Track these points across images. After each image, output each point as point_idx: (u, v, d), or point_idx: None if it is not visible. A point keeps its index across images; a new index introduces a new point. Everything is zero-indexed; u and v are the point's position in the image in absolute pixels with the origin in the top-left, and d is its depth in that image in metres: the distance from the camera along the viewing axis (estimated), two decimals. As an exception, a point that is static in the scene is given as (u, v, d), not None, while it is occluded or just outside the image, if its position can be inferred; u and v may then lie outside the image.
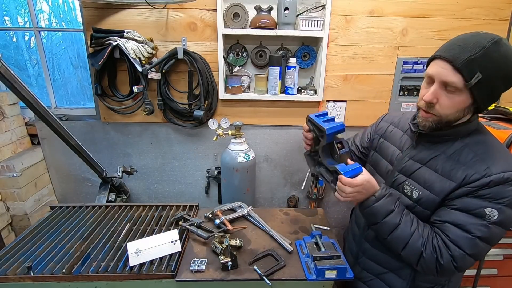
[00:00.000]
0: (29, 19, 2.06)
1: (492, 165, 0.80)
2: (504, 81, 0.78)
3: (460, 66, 0.76)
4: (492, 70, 0.75)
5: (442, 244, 0.85)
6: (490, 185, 0.78)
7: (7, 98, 1.92)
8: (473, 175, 0.81)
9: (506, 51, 0.76)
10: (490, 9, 1.82)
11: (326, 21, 1.74)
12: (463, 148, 0.86)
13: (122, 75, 1.91)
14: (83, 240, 1.30)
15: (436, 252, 0.85)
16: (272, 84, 1.85)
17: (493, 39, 0.76)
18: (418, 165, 0.93)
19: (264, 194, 2.25)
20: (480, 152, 0.83)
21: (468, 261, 0.83)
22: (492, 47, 0.75)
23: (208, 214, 1.47)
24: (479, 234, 0.80)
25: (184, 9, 1.79)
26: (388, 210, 0.90)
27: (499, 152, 0.83)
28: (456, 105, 0.81)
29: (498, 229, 0.80)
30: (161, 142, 2.10)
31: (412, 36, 1.86)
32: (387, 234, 0.92)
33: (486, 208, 0.78)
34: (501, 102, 2.00)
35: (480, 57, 0.75)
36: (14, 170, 1.88)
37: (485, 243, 0.81)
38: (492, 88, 0.78)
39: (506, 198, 0.77)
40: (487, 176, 0.79)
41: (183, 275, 1.12)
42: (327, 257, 1.13)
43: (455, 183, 0.84)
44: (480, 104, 0.80)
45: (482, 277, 1.57)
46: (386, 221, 0.90)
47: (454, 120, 0.84)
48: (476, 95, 0.78)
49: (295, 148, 2.13)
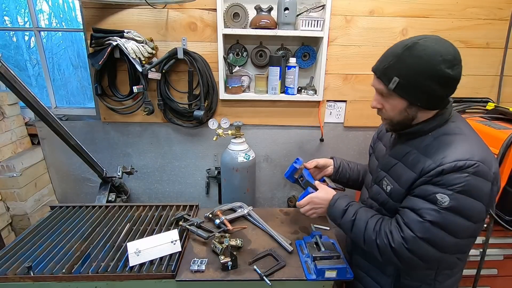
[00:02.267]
0: (29, 19, 2.06)
1: (448, 155, 0.82)
2: (428, 78, 0.82)
3: (379, 75, 0.89)
4: (408, 72, 0.83)
5: (396, 227, 0.89)
6: (443, 173, 0.81)
7: (7, 98, 1.92)
8: (430, 165, 0.84)
9: (420, 52, 0.81)
10: (490, 9, 1.82)
11: (326, 21, 1.74)
12: (432, 142, 0.89)
13: (122, 75, 1.91)
14: (83, 240, 1.29)
15: (388, 237, 0.90)
16: (272, 84, 1.85)
17: (406, 45, 0.83)
18: (395, 161, 0.97)
19: (264, 194, 2.25)
20: (443, 143, 0.86)
21: (421, 245, 0.84)
22: (404, 53, 0.83)
23: (208, 214, 1.47)
24: (429, 218, 0.82)
25: (184, 9, 1.79)
26: (342, 210, 1.02)
27: (460, 142, 0.85)
28: (395, 108, 0.90)
29: (453, 216, 0.81)
30: (161, 142, 2.10)
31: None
32: (349, 231, 1.01)
33: (437, 194, 0.81)
34: (501, 102, 2.01)
35: (394, 64, 0.85)
36: (14, 170, 1.88)
37: (438, 229, 0.82)
38: (418, 87, 0.83)
39: (458, 185, 0.79)
40: (441, 165, 0.82)
41: (183, 275, 1.11)
42: (327, 257, 1.13)
43: (415, 173, 0.88)
44: (418, 102, 0.86)
45: (482, 277, 1.57)
46: (343, 220, 1.02)
47: (403, 120, 0.91)
48: (404, 96, 0.86)
49: (295, 148, 2.13)
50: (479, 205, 0.81)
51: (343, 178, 1.31)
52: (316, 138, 2.10)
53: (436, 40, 0.83)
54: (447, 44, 0.83)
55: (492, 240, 1.49)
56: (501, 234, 1.51)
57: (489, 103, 1.79)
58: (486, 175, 0.79)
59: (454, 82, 0.83)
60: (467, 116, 1.72)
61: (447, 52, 0.80)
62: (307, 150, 2.14)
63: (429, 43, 0.82)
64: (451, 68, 0.80)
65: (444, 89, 0.84)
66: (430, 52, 0.80)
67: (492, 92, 2.00)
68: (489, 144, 1.42)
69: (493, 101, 1.89)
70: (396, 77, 0.84)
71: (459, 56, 0.83)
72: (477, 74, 1.96)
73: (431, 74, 0.81)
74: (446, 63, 0.80)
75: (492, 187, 0.81)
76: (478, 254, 1.52)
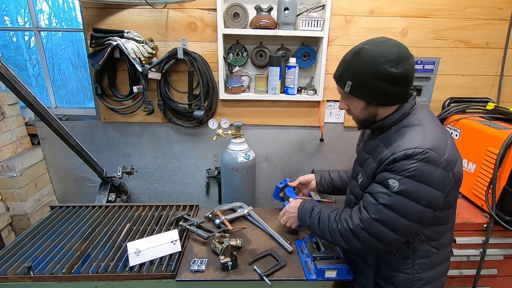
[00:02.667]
0: (29, 19, 2.06)
1: (401, 144, 0.89)
2: (376, 79, 0.89)
3: (336, 81, 1.00)
4: (358, 76, 0.91)
5: (356, 211, 0.97)
6: (395, 161, 0.88)
7: (7, 98, 1.92)
8: (386, 154, 0.91)
9: (365, 56, 0.89)
10: (490, 9, 1.82)
11: (326, 21, 1.74)
12: (393, 134, 0.95)
13: (122, 75, 1.91)
14: (83, 240, 1.29)
15: (347, 221, 0.97)
16: (272, 84, 1.85)
17: (354, 51, 0.93)
18: (367, 155, 1.03)
19: (264, 194, 2.25)
20: (401, 135, 0.92)
21: (375, 225, 0.91)
22: (352, 59, 0.93)
23: (208, 214, 1.47)
24: (382, 201, 0.89)
25: (184, 9, 1.79)
26: (309, 210, 1.11)
27: (415, 132, 0.90)
28: (357, 108, 0.99)
29: (403, 199, 0.87)
30: (161, 142, 2.10)
31: (412, 36, 1.86)
32: (316, 228, 1.06)
33: (389, 179, 0.88)
34: (501, 102, 2.01)
35: (346, 70, 0.95)
36: (14, 170, 1.88)
37: (389, 211, 0.88)
38: (369, 88, 0.91)
39: (406, 171, 0.85)
40: (394, 154, 0.88)
41: (183, 275, 1.11)
42: (327, 257, 1.13)
43: (376, 164, 0.95)
44: (373, 101, 0.94)
45: (482, 277, 1.57)
46: (311, 219, 1.09)
47: (367, 117, 0.99)
48: (360, 97, 0.95)
49: (295, 148, 2.13)
50: (428, 190, 0.86)
51: (327, 189, 1.39)
52: (316, 138, 2.10)
53: (381, 42, 0.91)
54: (391, 44, 0.90)
55: (492, 240, 1.49)
56: (501, 234, 1.51)
57: (489, 103, 1.79)
58: (436, 161, 0.85)
59: (401, 79, 0.89)
60: (467, 116, 1.72)
61: (390, 53, 0.87)
62: (307, 150, 2.14)
63: (373, 47, 0.90)
64: (394, 67, 0.87)
65: (393, 87, 0.89)
66: (374, 55, 0.88)
67: (492, 92, 2.00)
68: (489, 144, 1.44)
69: (493, 101, 1.89)
70: (350, 81, 0.93)
71: (405, 54, 0.88)
72: (477, 74, 1.96)
73: (377, 75, 0.88)
74: (389, 63, 0.86)
75: (445, 173, 0.86)
76: (478, 254, 1.52)
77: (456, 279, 1.60)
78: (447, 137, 0.92)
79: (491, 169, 1.42)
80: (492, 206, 1.43)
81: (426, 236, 0.98)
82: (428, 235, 0.98)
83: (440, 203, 0.90)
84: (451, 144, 0.92)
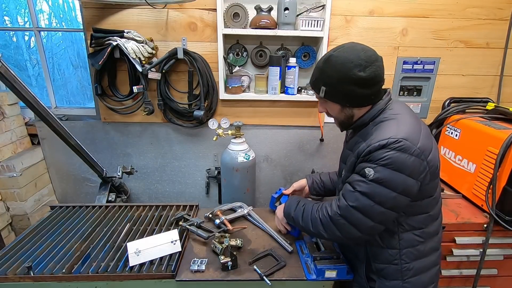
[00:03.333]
0: (29, 19, 2.06)
1: (376, 137, 0.93)
2: (346, 83, 0.94)
3: (312, 87, 1.06)
4: (329, 81, 0.96)
5: (335, 199, 1.01)
6: (370, 152, 0.92)
7: (7, 98, 1.92)
8: (363, 147, 0.95)
9: (334, 63, 0.94)
10: (490, 9, 1.82)
11: (326, 21, 1.74)
12: (370, 129, 0.99)
13: (122, 75, 1.91)
14: (83, 240, 1.29)
15: (327, 210, 1.01)
16: (272, 84, 1.85)
17: (325, 58, 0.97)
18: (349, 152, 1.07)
19: (264, 194, 2.25)
20: (377, 129, 0.96)
21: (352, 212, 0.95)
22: (324, 65, 0.97)
23: (208, 214, 1.47)
24: (359, 189, 0.93)
25: (184, 9, 1.79)
26: (295, 203, 1.15)
27: (389, 125, 0.94)
28: (333, 110, 1.04)
29: (378, 187, 0.91)
30: (161, 142, 2.10)
31: (412, 36, 1.87)
32: (300, 219, 1.10)
33: (366, 168, 0.92)
34: (501, 102, 2.01)
35: (319, 76, 1.00)
36: (14, 170, 1.88)
37: (366, 198, 0.92)
38: (341, 92, 0.96)
39: (381, 160, 0.89)
40: (369, 145, 0.92)
41: (183, 275, 1.12)
42: (327, 257, 1.13)
43: (355, 157, 0.99)
44: (346, 103, 0.99)
45: (482, 277, 1.57)
46: (296, 211, 1.13)
47: (345, 118, 1.04)
48: (334, 100, 1.00)
49: (295, 148, 2.13)
50: (402, 177, 0.89)
51: (320, 192, 1.42)
52: (316, 138, 2.10)
53: (349, 48, 0.94)
54: (359, 49, 0.94)
55: (492, 240, 1.48)
56: (501, 234, 1.51)
57: (489, 103, 1.79)
58: (409, 149, 0.88)
59: (370, 81, 0.93)
60: (467, 116, 1.72)
61: (357, 58, 0.91)
62: (307, 150, 2.14)
63: (341, 53, 0.94)
64: (363, 71, 0.91)
65: (364, 89, 0.94)
66: (342, 61, 0.93)
67: (492, 92, 2.00)
68: (489, 144, 1.44)
69: (493, 101, 1.89)
70: (323, 87, 0.99)
71: (372, 58, 0.92)
72: (477, 74, 1.96)
73: (347, 80, 0.93)
74: (358, 67, 0.91)
75: (418, 161, 0.90)
76: (478, 254, 1.52)
77: (456, 279, 1.60)
78: (421, 127, 0.96)
79: (491, 169, 1.42)
80: (492, 206, 1.43)
81: (409, 225, 1.01)
82: (411, 224, 1.01)
83: (415, 190, 0.93)
84: (425, 134, 0.95)
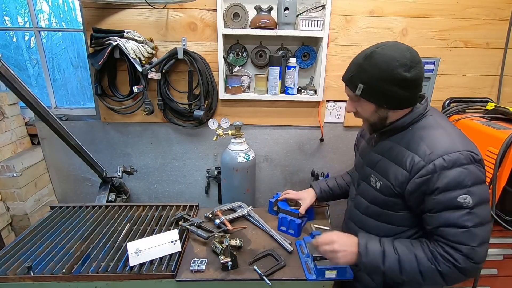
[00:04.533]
0: (29, 19, 2.06)
1: (433, 149, 0.87)
2: (388, 83, 0.88)
3: (347, 83, 0.97)
4: (370, 79, 0.90)
5: (449, 249, 0.87)
6: (436, 170, 0.85)
7: (7, 98, 1.92)
8: (419, 162, 0.88)
9: (377, 60, 0.88)
10: (490, 9, 1.82)
11: (326, 21, 1.74)
12: (413, 135, 0.94)
13: (122, 75, 1.91)
14: (83, 240, 1.29)
15: (449, 260, 0.86)
16: (272, 84, 1.85)
17: (366, 55, 0.91)
18: (379, 157, 1.02)
19: (264, 194, 2.25)
20: (425, 138, 0.91)
21: (481, 250, 0.85)
22: (364, 62, 0.90)
23: (208, 214, 1.47)
24: (470, 224, 0.83)
25: (184, 9, 1.79)
26: (381, 253, 0.93)
27: (440, 137, 0.89)
28: (366, 110, 0.97)
29: (482, 208, 0.84)
30: (161, 142, 2.10)
31: (412, 36, 1.86)
32: (398, 273, 0.91)
33: (456, 198, 0.83)
34: (501, 102, 2.01)
35: (357, 73, 0.92)
36: (14, 170, 1.88)
37: (481, 226, 0.84)
38: (381, 91, 0.90)
39: (466, 180, 0.83)
40: (429, 162, 0.86)
41: (183, 275, 1.11)
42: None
43: (406, 171, 0.91)
44: (384, 104, 0.93)
45: (482, 277, 1.57)
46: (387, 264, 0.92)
47: (378, 120, 0.98)
48: (371, 100, 0.93)
49: (295, 148, 2.13)
50: (486, 186, 0.87)
51: (328, 199, 1.41)
52: (316, 138, 2.10)
53: (393, 46, 0.89)
54: (403, 48, 0.88)
55: (492, 240, 1.47)
56: (501, 234, 1.51)
57: (489, 103, 1.79)
58: (477, 160, 0.85)
59: (413, 83, 0.88)
60: (467, 116, 1.72)
61: (403, 57, 0.86)
62: (307, 150, 2.14)
63: (386, 51, 0.88)
64: (408, 71, 0.86)
65: (405, 91, 0.89)
66: (387, 59, 0.87)
67: (492, 92, 2.00)
68: (489, 144, 1.44)
69: (493, 101, 1.89)
70: (361, 84, 0.91)
71: (416, 58, 0.88)
72: (477, 74, 1.96)
73: (390, 79, 0.87)
74: (403, 67, 0.86)
75: (483, 169, 0.88)
76: (478, 254, 1.52)
77: (456, 279, 1.60)
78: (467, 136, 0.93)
79: (491, 169, 1.42)
80: (492, 206, 1.43)
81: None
82: None
83: None
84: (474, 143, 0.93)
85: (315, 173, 2.10)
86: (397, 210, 0.99)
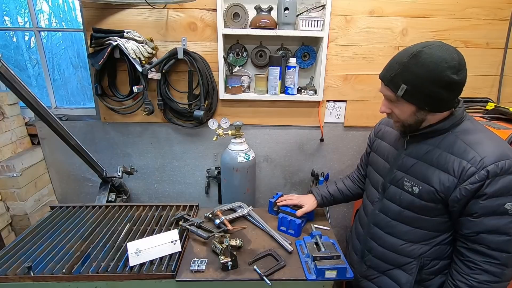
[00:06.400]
0: (29, 19, 2.06)
1: (484, 155, 0.84)
2: (435, 85, 0.84)
3: (387, 83, 0.92)
4: (414, 80, 0.85)
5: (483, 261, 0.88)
6: (489, 177, 0.82)
7: (7, 98, 1.92)
8: (469, 168, 0.85)
9: (426, 60, 0.84)
10: (490, 9, 1.82)
11: (326, 21, 1.74)
12: (455, 139, 0.91)
13: (122, 75, 1.91)
14: (83, 240, 1.29)
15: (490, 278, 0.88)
16: (272, 84, 1.85)
17: (412, 53, 0.86)
18: (414, 160, 0.98)
19: (264, 194, 2.25)
20: (471, 141, 0.88)
21: None
22: (410, 61, 0.86)
23: (208, 214, 1.47)
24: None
25: (184, 9, 1.79)
26: None
27: (487, 140, 0.88)
28: (404, 112, 0.93)
29: None
30: (161, 142, 2.10)
31: (412, 36, 1.86)
32: None
33: (504, 204, 0.82)
34: (501, 102, 2.01)
35: (401, 72, 0.88)
36: (14, 170, 1.88)
37: None
38: (426, 93, 0.86)
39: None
40: (482, 168, 0.83)
41: (183, 275, 1.12)
42: (327, 257, 1.13)
43: (453, 176, 0.88)
44: (426, 107, 0.89)
45: None
46: None
47: (415, 122, 0.94)
48: (412, 102, 0.89)
49: (295, 148, 2.13)
50: None
51: (329, 205, 1.43)
52: (316, 138, 2.10)
53: (440, 46, 0.85)
54: (451, 50, 0.85)
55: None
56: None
57: (489, 103, 1.79)
58: None
59: (460, 86, 0.86)
60: (467, 116, 1.72)
61: (452, 59, 0.83)
62: (307, 150, 2.14)
63: (434, 51, 0.84)
64: (456, 74, 0.83)
65: (450, 93, 0.86)
66: (436, 60, 0.83)
67: (492, 92, 2.00)
68: (489, 144, 1.43)
69: (493, 101, 1.89)
70: (404, 85, 0.87)
71: (463, 61, 0.85)
72: (477, 74, 1.96)
73: (438, 81, 0.84)
74: (452, 69, 0.82)
75: None
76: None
77: (456, 279, 1.60)
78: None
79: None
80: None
81: None
82: None
83: None
84: None
85: (315, 173, 2.10)
86: (435, 215, 0.97)
